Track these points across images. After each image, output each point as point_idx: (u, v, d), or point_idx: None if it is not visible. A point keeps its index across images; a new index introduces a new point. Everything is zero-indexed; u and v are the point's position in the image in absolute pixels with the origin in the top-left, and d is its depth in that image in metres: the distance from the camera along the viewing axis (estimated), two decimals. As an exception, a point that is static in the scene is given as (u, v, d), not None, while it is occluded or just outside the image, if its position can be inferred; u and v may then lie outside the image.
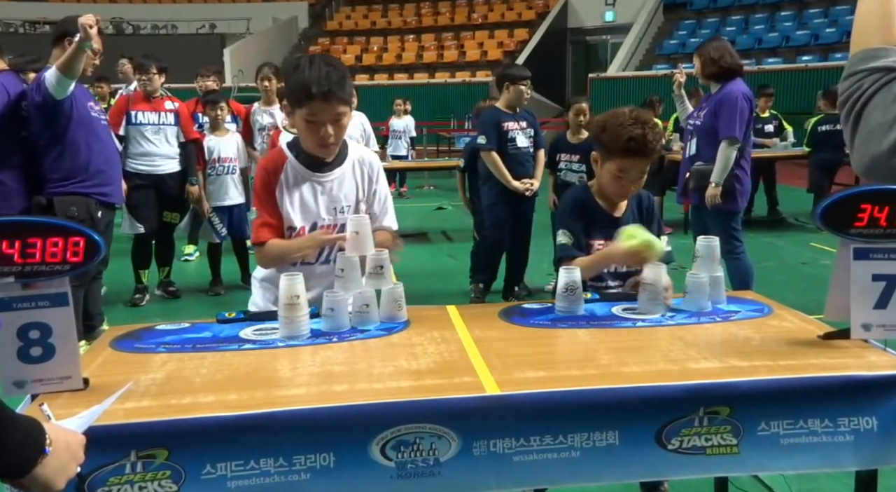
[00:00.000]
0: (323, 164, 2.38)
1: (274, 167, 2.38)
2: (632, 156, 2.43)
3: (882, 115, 1.06)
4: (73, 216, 3.99)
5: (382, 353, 1.93)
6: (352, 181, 2.42)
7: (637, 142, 2.40)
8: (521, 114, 5.51)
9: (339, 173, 2.40)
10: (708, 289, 2.25)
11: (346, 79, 2.26)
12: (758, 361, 1.80)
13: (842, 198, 1.90)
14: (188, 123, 6.04)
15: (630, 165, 2.45)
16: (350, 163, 2.43)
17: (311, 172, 2.37)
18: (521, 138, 5.42)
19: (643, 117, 2.45)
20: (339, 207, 2.39)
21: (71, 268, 1.69)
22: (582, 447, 1.64)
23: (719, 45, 4.82)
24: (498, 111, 5.48)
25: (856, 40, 1.16)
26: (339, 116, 2.26)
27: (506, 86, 5.45)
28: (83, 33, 3.70)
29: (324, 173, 2.38)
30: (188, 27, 25.18)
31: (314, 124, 2.25)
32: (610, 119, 2.49)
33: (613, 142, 2.44)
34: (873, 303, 1.90)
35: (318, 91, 2.19)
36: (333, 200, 2.38)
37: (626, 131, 2.41)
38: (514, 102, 5.45)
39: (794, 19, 21.36)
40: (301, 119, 2.27)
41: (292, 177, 2.37)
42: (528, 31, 24.09)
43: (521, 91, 5.40)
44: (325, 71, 2.20)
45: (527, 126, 5.51)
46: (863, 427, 1.70)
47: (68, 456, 1.23)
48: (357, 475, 1.58)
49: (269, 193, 2.37)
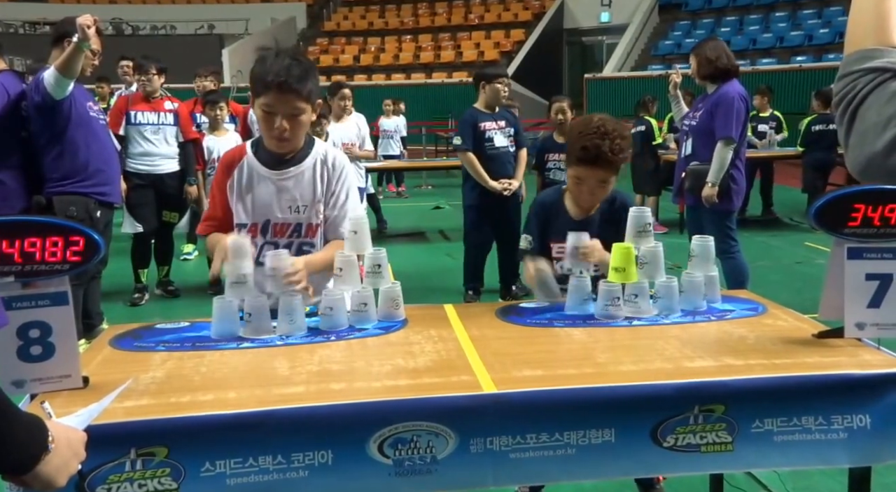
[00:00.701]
0: (282, 160, 2.36)
1: (230, 162, 2.39)
2: (586, 165, 2.44)
3: (876, 115, 1.07)
4: (72, 216, 4.00)
5: (380, 351, 1.94)
6: (311, 180, 2.37)
7: (590, 152, 2.40)
8: (499, 113, 5.45)
9: (297, 171, 2.37)
10: (703, 288, 2.26)
11: (308, 75, 2.24)
12: (753, 359, 1.82)
13: (835, 198, 1.92)
14: (187, 123, 6.06)
15: (585, 174, 2.46)
16: (312, 160, 2.39)
17: (267, 170, 2.35)
18: (500, 138, 5.37)
19: (607, 128, 2.42)
20: (294, 205, 2.36)
21: (70, 267, 1.70)
22: (578, 445, 1.65)
23: (716, 46, 4.83)
24: (475, 111, 5.43)
25: (850, 41, 1.18)
26: (295, 111, 2.24)
27: (482, 85, 5.40)
28: (81, 34, 3.72)
29: (281, 170, 2.35)
30: (187, 28, 25.17)
31: (270, 116, 2.25)
32: (576, 125, 2.53)
33: (572, 148, 2.47)
34: (867, 302, 1.91)
35: (274, 81, 2.18)
36: (290, 199, 2.36)
37: (583, 140, 2.41)
38: (491, 101, 5.40)
39: (788, 20, 21.42)
40: (258, 109, 2.27)
41: (247, 173, 2.36)
42: (524, 31, 24.13)
43: (497, 89, 5.34)
44: (286, 63, 2.20)
45: (506, 125, 5.44)
46: (856, 425, 1.71)
47: (70, 453, 1.24)
48: (355, 473, 1.60)
49: (220, 187, 2.39)
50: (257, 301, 2.08)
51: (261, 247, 2.34)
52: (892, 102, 1.06)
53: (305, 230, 2.38)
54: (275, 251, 2.18)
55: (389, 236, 8.74)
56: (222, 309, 2.07)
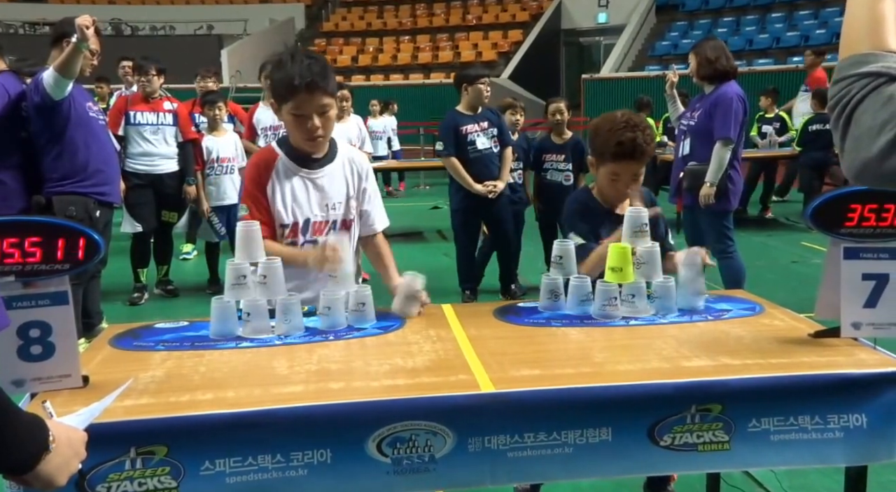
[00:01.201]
0: (313, 160, 2.39)
1: (265, 163, 2.39)
2: (623, 159, 2.45)
3: (871, 119, 1.08)
4: (72, 216, 4.01)
5: (379, 351, 1.95)
6: (342, 178, 2.43)
7: (627, 146, 2.42)
8: (482, 114, 5.38)
9: (330, 170, 2.41)
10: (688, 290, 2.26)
11: (327, 71, 2.27)
12: (749, 359, 1.83)
13: (832, 198, 1.94)
14: (186, 123, 6.06)
15: (622, 169, 2.47)
16: (340, 161, 2.44)
17: (301, 168, 2.38)
18: (482, 139, 5.31)
19: (634, 120, 2.46)
20: (330, 203, 2.40)
21: (71, 267, 1.71)
22: (575, 444, 1.66)
23: (716, 46, 4.83)
24: (456, 114, 5.38)
25: (845, 45, 1.18)
26: (324, 108, 2.27)
27: (464, 87, 5.35)
28: (80, 34, 3.72)
29: (314, 169, 2.39)
30: (186, 28, 25.15)
31: (300, 118, 2.27)
32: (602, 123, 2.51)
33: (605, 146, 2.46)
34: (863, 302, 1.92)
35: (301, 83, 2.20)
36: (324, 197, 2.39)
37: (617, 136, 2.43)
38: (474, 102, 5.35)
39: (785, 21, 21.45)
40: (288, 114, 2.29)
41: (283, 172, 2.37)
42: (521, 32, 24.13)
43: (479, 90, 5.29)
44: (306, 63, 2.22)
45: (489, 126, 5.37)
46: (852, 424, 1.72)
47: (70, 453, 1.24)
48: (353, 471, 1.61)
49: (261, 190, 2.36)
50: (256, 301, 2.08)
51: (301, 246, 2.37)
52: (887, 107, 1.07)
53: (340, 227, 2.43)
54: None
55: (387, 236, 8.73)
56: (221, 309, 2.08)
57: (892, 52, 1.12)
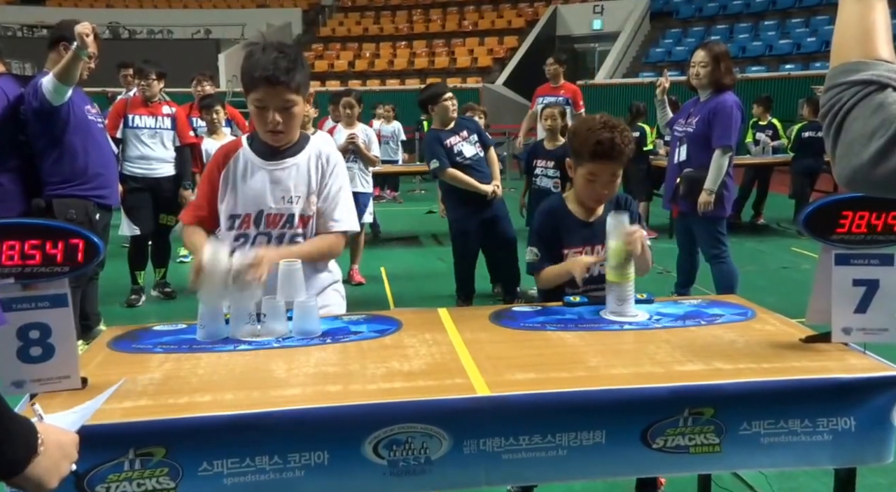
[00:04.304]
0: (277, 152, 2.39)
1: (225, 153, 2.42)
2: (600, 159, 2.47)
3: (862, 126, 1.09)
4: (71, 218, 4.01)
5: (376, 354, 1.97)
6: (305, 173, 2.40)
7: (605, 145, 2.44)
8: (458, 125, 5.45)
9: (293, 163, 2.40)
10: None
11: (296, 67, 2.25)
12: (742, 363, 1.84)
13: (824, 205, 1.96)
14: (184, 127, 6.09)
15: (599, 169, 2.49)
16: (307, 154, 2.42)
17: (262, 160, 2.39)
18: (468, 147, 5.37)
19: (612, 122, 2.48)
20: (287, 196, 2.38)
21: (70, 269, 1.72)
22: (569, 446, 1.68)
23: (727, 55, 4.83)
24: (435, 132, 5.46)
25: (835, 54, 1.20)
26: (286, 104, 2.27)
27: (430, 108, 5.43)
28: (80, 42, 3.73)
29: (276, 162, 2.39)
30: (184, 32, 25.18)
31: (262, 110, 2.27)
32: (580, 125, 2.55)
33: (583, 146, 2.49)
34: (853, 307, 1.95)
35: (262, 75, 2.20)
36: (283, 189, 2.38)
37: (595, 135, 2.45)
38: (445, 119, 5.41)
39: (777, 29, 21.58)
40: (251, 104, 2.30)
41: (242, 164, 2.39)
42: (517, 38, 24.23)
43: (445, 107, 5.36)
44: (273, 57, 2.22)
45: (468, 134, 5.45)
46: (841, 427, 1.75)
47: (60, 455, 1.23)
48: (350, 473, 1.62)
49: (211, 178, 2.41)
50: (275, 302, 2.10)
51: (254, 237, 2.37)
52: (877, 114, 1.09)
53: (297, 221, 2.40)
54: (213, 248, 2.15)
55: (383, 240, 8.77)
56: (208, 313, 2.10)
57: (883, 60, 1.14)
